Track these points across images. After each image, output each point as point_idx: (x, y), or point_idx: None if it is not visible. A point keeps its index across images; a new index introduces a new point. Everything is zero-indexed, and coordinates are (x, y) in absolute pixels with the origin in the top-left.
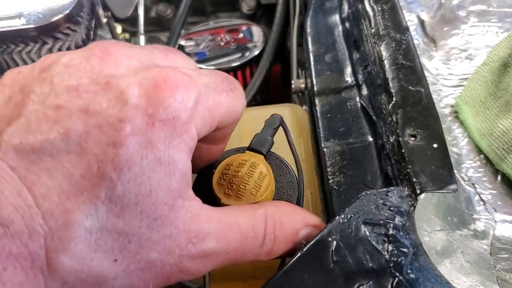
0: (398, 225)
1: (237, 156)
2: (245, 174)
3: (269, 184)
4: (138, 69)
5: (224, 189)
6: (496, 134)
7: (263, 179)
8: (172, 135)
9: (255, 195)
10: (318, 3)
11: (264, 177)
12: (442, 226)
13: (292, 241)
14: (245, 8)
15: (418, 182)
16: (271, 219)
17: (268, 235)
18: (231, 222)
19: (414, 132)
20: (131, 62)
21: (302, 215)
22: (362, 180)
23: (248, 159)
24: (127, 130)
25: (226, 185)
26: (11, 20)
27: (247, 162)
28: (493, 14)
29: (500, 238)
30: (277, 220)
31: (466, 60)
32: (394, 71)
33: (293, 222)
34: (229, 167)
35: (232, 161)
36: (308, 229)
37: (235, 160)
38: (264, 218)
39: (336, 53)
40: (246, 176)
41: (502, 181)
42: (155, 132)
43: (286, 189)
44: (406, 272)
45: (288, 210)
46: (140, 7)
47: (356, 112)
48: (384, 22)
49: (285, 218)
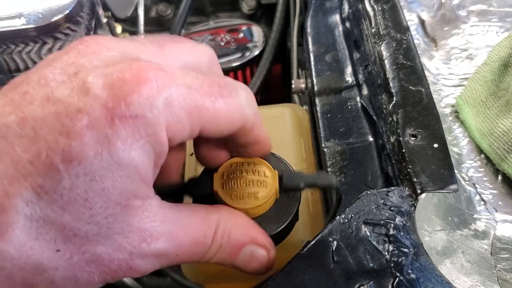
0: (398, 225)
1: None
2: (248, 176)
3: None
4: (113, 61)
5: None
6: (496, 134)
7: (266, 181)
8: (134, 135)
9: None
10: (318, 3)
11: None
12: (443, 226)
13: (235, 253)
14: (245, 8)
15: (419, 182)
16: (222, 226)
17: (215, 242)
18: (185, 225)
19: (415, 132)
20: (110, 53)
21: (253, 232)
22: (363, 180)
23: (252, 161)
24: (83, 122)
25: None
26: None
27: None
28: (493, 14)
29: (501, 238)
30: (227, 229)
31: (467, 59)
32: (394, 71)
33: (241, 235)
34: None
35: (236, 162)
36: (254, 248)
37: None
38: (215, 225)
39: (337, 53)
40: (250, 178)
41: (502, 181)
42: (114, 129)
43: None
44: (406, 272)
45: (241, 222)
46: (140, 7)
47: (356, 112)
48: (385, 21)
49: (235, 229)
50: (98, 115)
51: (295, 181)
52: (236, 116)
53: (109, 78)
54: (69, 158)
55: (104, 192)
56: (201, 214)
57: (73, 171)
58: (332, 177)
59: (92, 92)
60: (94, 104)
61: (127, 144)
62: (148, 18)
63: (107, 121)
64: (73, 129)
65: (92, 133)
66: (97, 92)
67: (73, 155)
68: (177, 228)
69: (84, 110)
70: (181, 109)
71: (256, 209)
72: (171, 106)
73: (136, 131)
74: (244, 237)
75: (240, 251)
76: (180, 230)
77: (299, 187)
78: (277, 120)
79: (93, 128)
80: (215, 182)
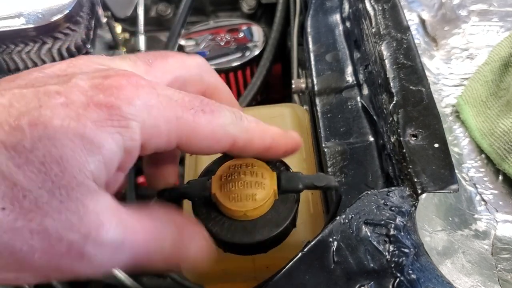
0: (399, 225)
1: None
2: (246, 177)
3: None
4: (101, 70)
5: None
6: (497, 134)
7: (264, 183)
8: (106, 121)
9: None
10: (318, 3)
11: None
12: (443, 226)
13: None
14: (245, 8)
15: (419, 182)
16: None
17: None
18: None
19: (415, 131)
20: (100, 67)
21: None
22: (363, 180)
23: (250, 162)
24: (59, 100)
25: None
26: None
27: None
28: (494, 14)
29: (502, 238)
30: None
31: (467, 59)
32: (395, 70)
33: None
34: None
35: (234, 163)
36: None
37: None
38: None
39: (337, 52)
40: (247, 180)
41: (503, 181)
42: (88, 111)
43: None
44: (407, 272)
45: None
46: (140, 7)
47: (357, 112)
48: (385, 21)
49: None
50: (75, 98)
51: (293, 182)
52: (220, 134)
53: (94, 78)
54: (35, 122)
55: (62, 160)
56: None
57: (36, 133)
58: (331, 178)
59: (74, 83)
60: (73, 90)
61: (97, 125)
62: (148, 17)
63: (83, 104)
64: (47, 103)
65: (65, 109)
66: (79, 83)
67: (40, 120)
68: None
69: (63, 93)
70: (159, 115)
71: (254, 211)
72: (150, 109)
73: (109, 118)
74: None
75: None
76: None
77: (298, 189)
78: (277, 120)
79: (67, 107)
80: (213, 184)
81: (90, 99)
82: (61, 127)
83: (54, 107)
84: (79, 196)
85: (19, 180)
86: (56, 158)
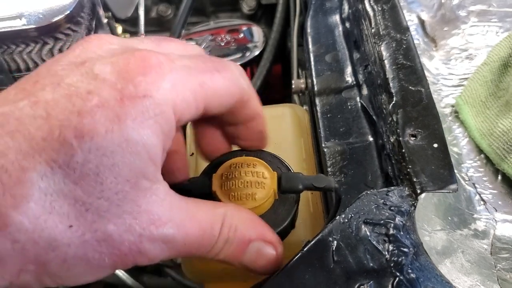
0: (398, 225)
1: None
2: (247, 177)
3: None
4: (116, 53)
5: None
6: (496, 134)
7: (265, 183)
8: (143, 115)
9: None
10: (318, 3)
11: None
12: (443, 225)
13: (242, 249)
14: (245, 8)
15: (419, 182)
16: (228, 221)
17: (222, 235)
18: (192, 215)
19: (415, 132)
20: (113, 46)
21: (261, 228)
22: (363, 180)
23: (251, 162)
24: (93, 101)
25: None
26: (12, 20)
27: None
28: (493, 14)
29: (501, 238)
30: (233, 224)
31: (467, 60)
32: (394, 71)
33: (249, 230)
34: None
35: (235, 162)
36: (262, 244)
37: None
38: (222, 218)
39: (337, 53)
40: (248, 179)
41: (502, 181)
42: (124, 107)
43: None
44: (406, 271)
45: (248, 218)
46: (140, 8)
47: (356, 112)
48: (385, 22)
49: (241, 224)
50: (107, 95)
51: (293, 183)
52: (234, 87)
53: (115, 65)
54: (81, 134)
55: (114, 167)
56: (207, 207)
57: (85, 146)
58: (331, 179)
59: (100, 77)
60: (103, 86)
61: (137, 123)
62: (148, 18)
63: (117, 101)
64: (84, 108)
65: (103, 112)
66: (105, 76)
67: (84, 131)
68: (184, 217)
69: (94, 91)
70: (185, 88)
71: (254, 210)
72: (176, 86)
73: (145, 110)
74: (251, 233)
75: (247, 248)
76: (187, 219)
77: (298, 189)
78: (277, 120)
79: (103, 107)
80: (214, 182)
81: (122, 94)
82: (106, 134)
83: (91, 112)
84: (133, 197)
85: (79, 195)
86: (109, 166)
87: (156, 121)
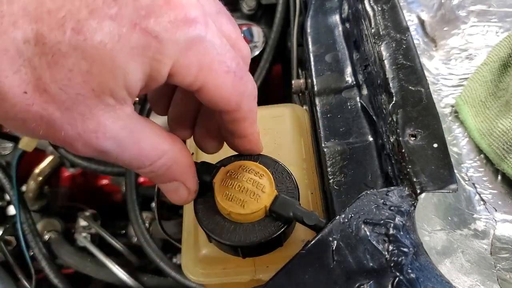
0: (398, 225)
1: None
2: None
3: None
4: None
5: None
6: (496, 134)
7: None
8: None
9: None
10: (318, 3)
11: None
12: (443, 225)
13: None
14: (245, 8)
15: (419, 182)
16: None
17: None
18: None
19: (414, 132)
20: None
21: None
22: (363, 180)
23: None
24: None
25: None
26: None
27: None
28: (493, 14)
29: (501, 238)
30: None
31: (466, 60)
32: (394, 71)
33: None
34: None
35: (245, 165)
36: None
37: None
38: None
39: (336, 53)
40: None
41: (502, 181)
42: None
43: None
44: (406, 271)
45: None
46: None
47: (356, 112)
48: (384, 22)
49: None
50: (126, 14)
51: (285, 209)
52: (234, 100)
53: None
54: (79, 30)
55: (87, 74)
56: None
57: (74, 41)
58: (322, 221)
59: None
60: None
61: (132, 54)
62: None
63: (130, 23)
64: (98, 12)
65: (110, 24)
66: None
67: (83, 30)
68: (129, 140)
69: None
70: (195, 59)
71: (238, 215)
72: (190, 49)
73: (147, 48)
74: (177, 175)
75: (168, 183)
76: (131, 142)
77: (286, 216)
78: (277, 120)
79: (114, 21)
80: (218, 175)
81: (139, 21)
82: (98, 44)
83: (102, 19)
84: (90, 104)
85: (45, 75)
86: (83, 70)
87: (150, 63)
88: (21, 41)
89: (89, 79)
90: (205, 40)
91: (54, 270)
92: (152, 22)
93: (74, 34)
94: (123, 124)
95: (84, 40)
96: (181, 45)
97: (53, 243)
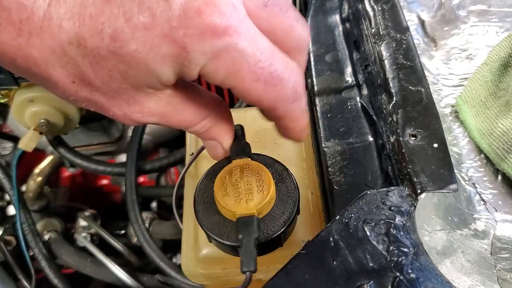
0: (398, 225)
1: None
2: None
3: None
4: None
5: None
6: (496, 134)
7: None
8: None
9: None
10: (318, 3)
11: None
12: (443, 225)
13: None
14: None
15: (419, 182)
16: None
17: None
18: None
19: (415, 132)
20: None
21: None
22: (363, 180)
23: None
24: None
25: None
26: None
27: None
28: (493, 14)
29: (501, 238)
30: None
31: (467, 59)
32: (394, 71)
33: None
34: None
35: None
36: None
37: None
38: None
39: (337, 53)
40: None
41: (502, 181)
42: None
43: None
44: (406, 271)
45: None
46: None
47: (356, 112)
48: (385, 22)
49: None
50: (159, 23)
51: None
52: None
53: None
54: (116, 37)
55: (126, 74)
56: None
57: (112, 47)
58: None
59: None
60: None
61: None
62: None
63: (162, 34)
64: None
65: (144, 34)
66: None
67: (120, 37)
68: (173, 112)
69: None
70: (223, 67)
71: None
72: (217, 59)
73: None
74: (216, 136)
75: (208, 141)
76: (174, 113)
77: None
78: None
79: (148, 30)
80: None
81: (170, 32)
82: (134, 52)
83: (136, 28)
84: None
85: (88, 74)
86: (122, 71)
87: (180, 67)
88: (66, 42)
89: (127, 78)
90: (234, 50)
91: (54, 270)
92: (181, 34)
93: (111, 42)
94: (166, 103)
95: (121, 48)
96: (208, 55)
97: (53, 243)
